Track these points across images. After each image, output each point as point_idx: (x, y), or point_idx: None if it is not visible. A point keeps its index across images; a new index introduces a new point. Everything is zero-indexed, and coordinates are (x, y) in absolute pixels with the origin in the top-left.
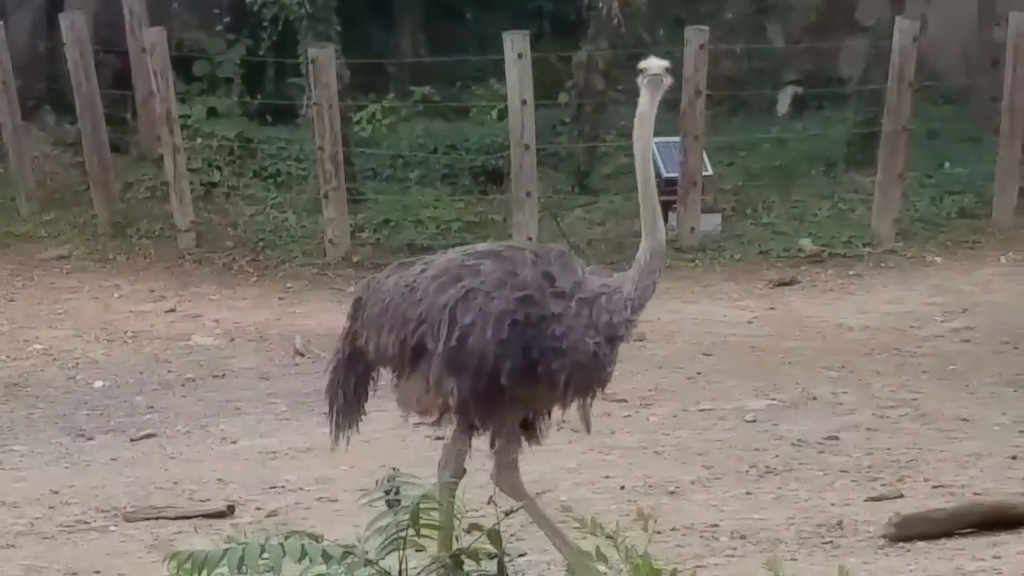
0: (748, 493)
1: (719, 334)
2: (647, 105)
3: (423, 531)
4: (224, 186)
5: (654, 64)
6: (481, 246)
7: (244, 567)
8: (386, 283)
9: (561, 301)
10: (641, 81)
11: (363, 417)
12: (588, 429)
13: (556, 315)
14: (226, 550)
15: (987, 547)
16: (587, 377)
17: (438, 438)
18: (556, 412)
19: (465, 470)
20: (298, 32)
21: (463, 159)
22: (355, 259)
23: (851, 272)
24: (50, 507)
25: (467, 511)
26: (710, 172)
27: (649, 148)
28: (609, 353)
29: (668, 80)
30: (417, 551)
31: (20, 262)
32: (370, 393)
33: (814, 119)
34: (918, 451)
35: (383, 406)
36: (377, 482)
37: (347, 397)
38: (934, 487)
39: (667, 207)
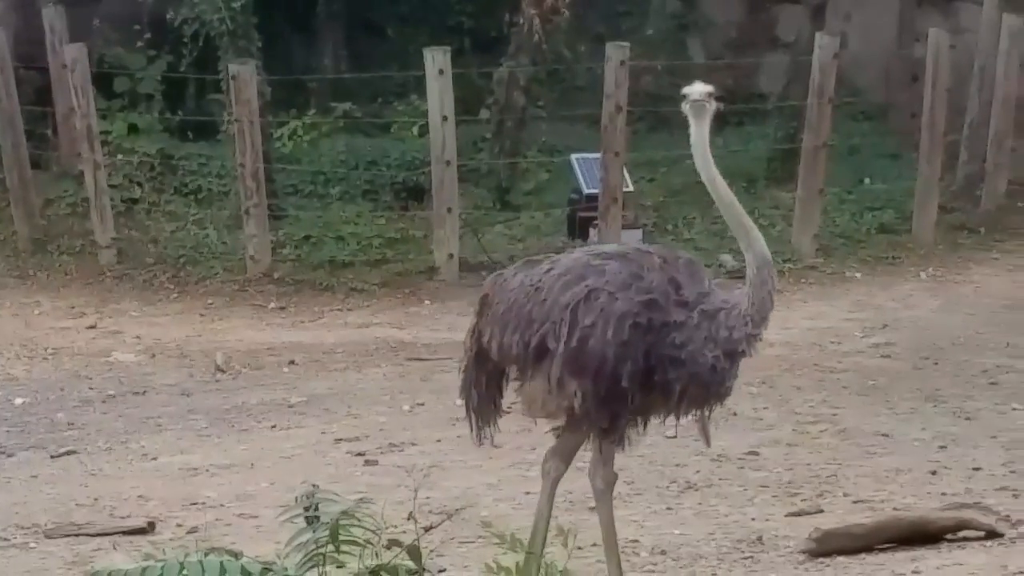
0: (669, 508)
1: None
2: (696, 133)
3: (342, 547)
4: (145, 202)
5: (696, 90)
6: (609, 247)
7: None
8: (512, 281)
9: (684, 310)
10: (685, 108)
11: (501, 414)
12: (708, 442)
13: (678, 323)
14: (145, 568)
15: (907, 562)
16: (704, 390)
17: (359, 454)
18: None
19: (616, 474)
20: (219, 48)
21: (384, 175)
22: (276, 275)
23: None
24: None
25: (387, 527)
26: (631, 188)
27: (714, 172)
28: (729, 368)
29: (713, 105)
30: (337, 567)
31: None
32: (504, 389)
33: (735, 135)
34: (838, 466)
35: (302, 422)
36: (297, 498)
37: (481, 396)
38: (854, 502)
39: (588, 223)
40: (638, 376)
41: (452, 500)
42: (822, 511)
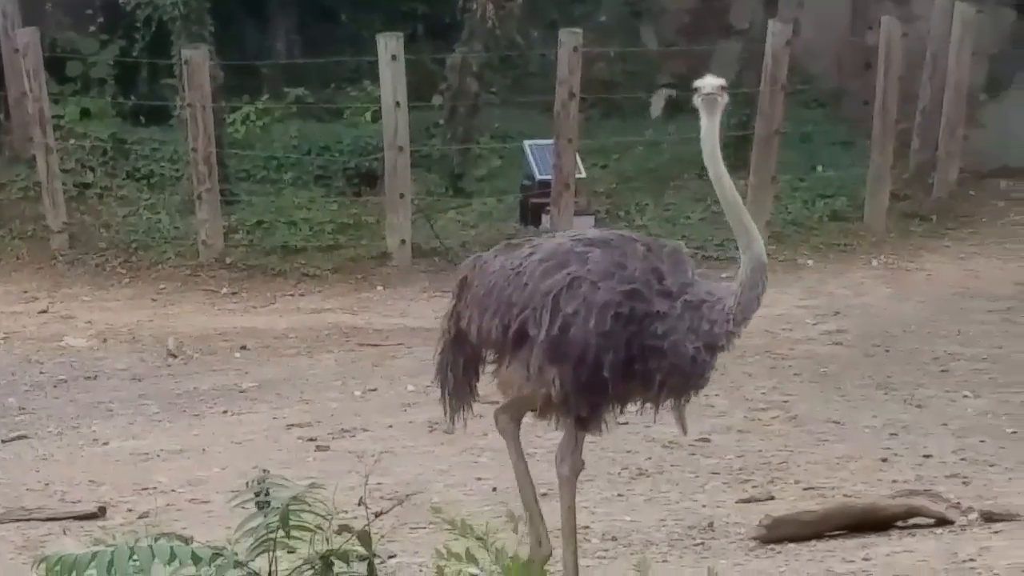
0: (620, 495)
1: None
2: (707, 127)
3: (293, 532)
4: (97, 187)
5: (709, 83)
6: (592, 232)
7: (113, 570)
8: (493, 263)
9: (667, 300)
10: (696, 101)
11: (476, 398)
12: (684, 431)
13: (660, 314)
14: (95, 553)
15: (857, 549)
16: (683, 381)
17: (310, 439)
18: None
19: (583, 463)
20: (172, 33)
21: (337, 161)
22: (228, 260)
23: (724, 275)
24: None
25: (337, 513)
26: (583, 175)
27: (721, 168)
28: (709, 360)
29: (724, 99)
30: (288, 552)
31: None
32: (481, 373)
33: (687, 122)
34: (789, 453)
35: (254, 408)
36: (247, 484)
37: (457, 379)
38: (805, 489)
39: (540, 209)
40: (619, 366)
41: (403, 486)
42: (773, 498)
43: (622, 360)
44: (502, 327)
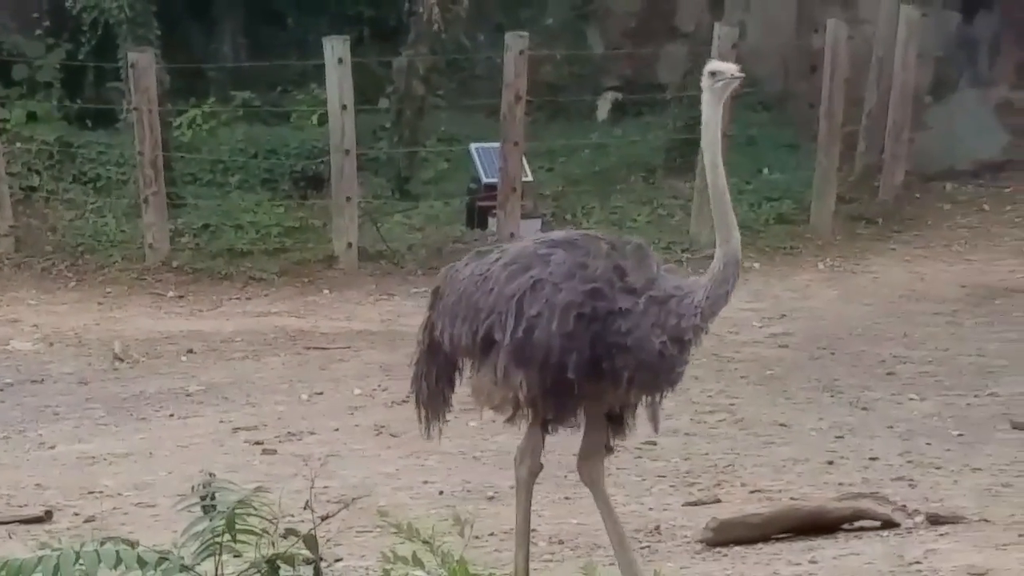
0: (567, 498)
1: None
2: (712, 112)
3: (239, 536)
4: (43, 190)
5: (728, 68)
6: (558, 234)
7: (59, 574)
8: (463, 271)
9: (630, 297)
10: (712, 85)
11: (450, 409)
12: (656, 428)
13: (623, 311)
14: (41, 557)
15: (803, 552)
16: (652, 377)
17: (257, 443)
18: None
19: (542, 465)
20: (118, 36)
21: (283, 164)
22: (175, 264)
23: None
24: None
25: (284, 516)
26: (530, 178)
27: (718, 156)
28: (677, 354)
29: (736, 81)
30: (234, 556)
31: None
32: (456, 383)
33: (633, 125)
34: (735, 456)
35: (200, 411)
36: (193, 487)
37: (431, 389)
38: (751, 492)
39: (487, 212)
40: (584, 366)
41: (350, 489)
42: (719, 501)
43: (587, 360)
44: (471, 333)
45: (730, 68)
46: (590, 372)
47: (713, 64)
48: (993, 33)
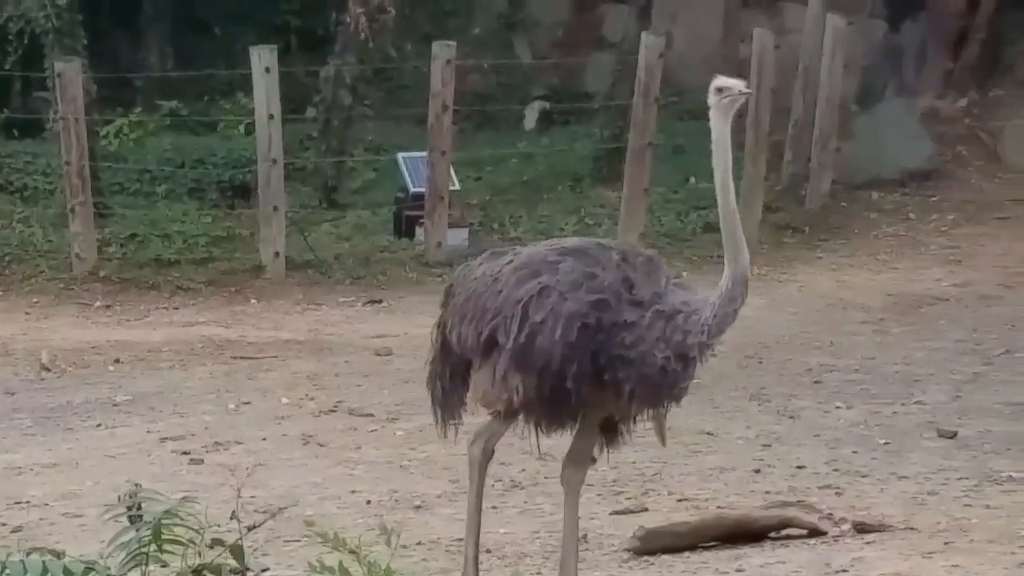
0: (494, 507)
1: None
2: (721, 129)
3: (165, 546)
4: None
5: (731, 84)
6: (571, 241)
7: None
8: (475, 271)
9: (636, 310)
10: (719, 102)
11: (466, 408)
12: (663, 442)
13: (628, 323)
14: None
15: (730, 560)
16: (654, 391)
17: (184, 453)
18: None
19: (494, 452)
20: (44, 46)
21: (210, 173)
22: (102, 273)
23: None
24: None
25: (210, 526)
26: (457, 187)
27: (728, 175)
28: (681, 370)
29: (743, 97)
30: (161, 566)
31: None
32: (470, 382)
33: (561, 134)
34: (663, 465)
35: (128, 421)
36: (120, 497)
37: (445, 389)
38: (678, 500)
39: (414, 222)
40: (584, 377)
41: (277, 499)
42: (647, 509)
43: (588, 370)
44: (476, 333)
45: (737, 84)
46: (592, 382)
47: (719, 80)
48: (919, 42)
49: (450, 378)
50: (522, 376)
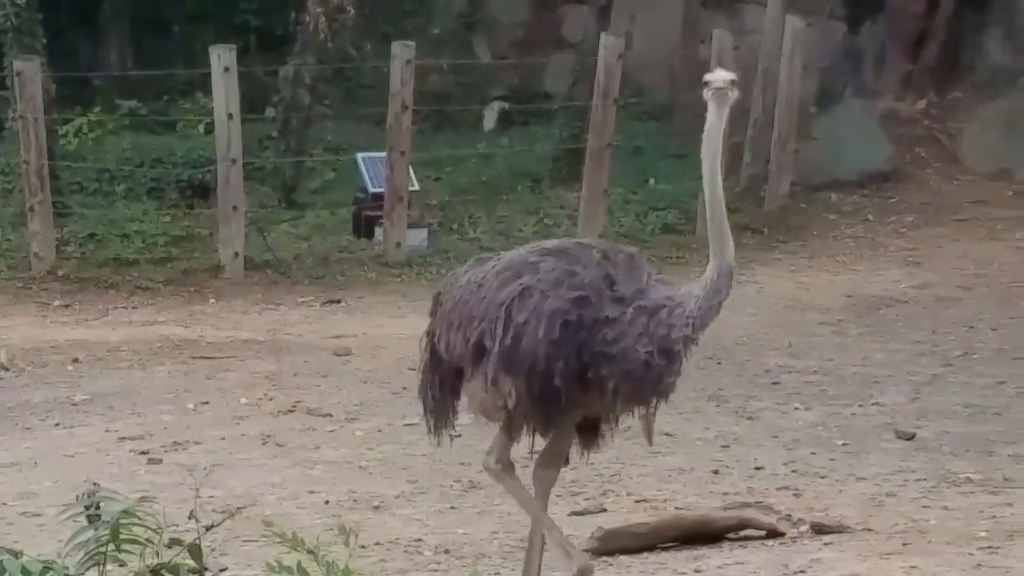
0: (452, 507)
1: None
2: (714, 120)
3: (123, 546)
4: None
5: (719, 76)
6: (551, 242)
7: None
8: (461, 279)
9: (618, 306)
10: (706, 95)
11: (458, 416)
12: (649, 440)
13: (610, 319)
14: None
15: (689, 561)
16: (638, 387)
17: (143, 452)
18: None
19: (511, 462)
20: (3, 45)
21: (170, 173)
22: (61, 273)
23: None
24: None
25: (168, 526)
26: (416, 187)
27: (717, 166)
28: (665, 365)
29: (735, 93)
30: (119, 566)
31: None
32: (461, 389)
33: (520, 135)
34: (621, 465)
35: (86, 421)
36: (78, 497)
37: (436, 397)
38: (637, 501)
39: (373, 222)
40: (571, 374)
41: (235, 499)
42: (605, 510)
43: (574, 368)
44: (464, 341)
45: (723, 76)
46: (577, 381)
47: (709, 74)
48: (878, 43)
49: (440, 387)
50: (512, 379)
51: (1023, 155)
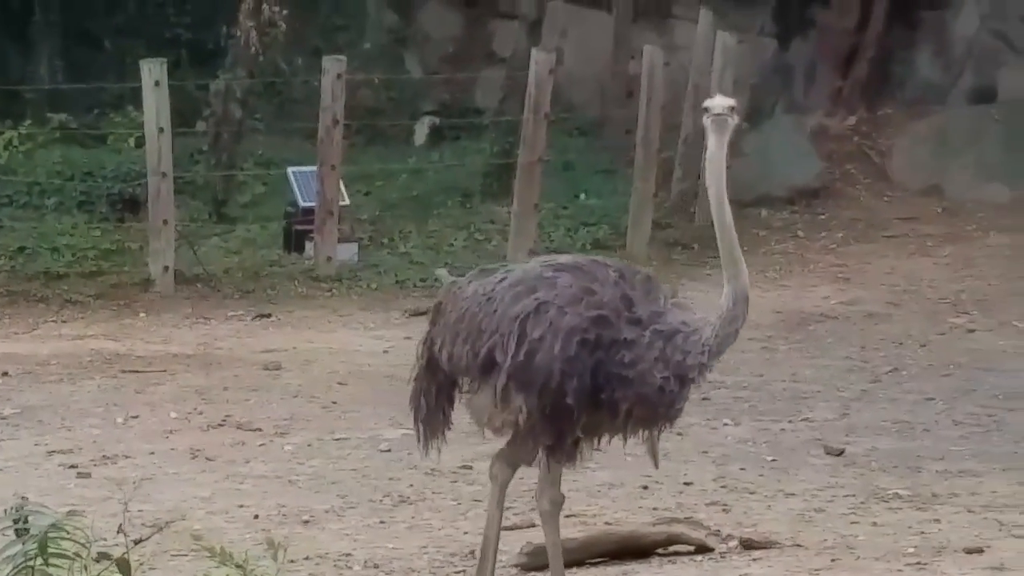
0: (382, 522)
1: (355, 363)
2: (715, 147)
3: (51, 560)
4: None
5: (718, 103)
6: (564, 257)
7: None
8: (466, 290)
9: (636, 328)
10: (706, 122)
11: (450, 427)
12: (656, 463)
13: (627, 341)
14: None
15: None
16: (651, 411)
17: (72, 466)
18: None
19: (563, 496)
20: None
21: (100, 186)
22: None
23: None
24: None
25: (97, 540)
26: (347, 202)
27: (723, 192)
28: (678, 391)
29: (735, 119)
30: None
31: None
32: (456, 401)
33: (451, 150)
34: None
35: (15, 434)
36: (6, 511)
37: (429, 407)
38: (566, 516)
39: (304, 236)
40: (584, 393)
41: (164, 513)
42: (534, 525)
43: (587, 387)
44: (472, 353)
45: (723, 103)
46: (589, 401)
47: (709, 100)
48: (808, 60)
49: (436, 396)
50: (524, 395)
51: (953, 172)
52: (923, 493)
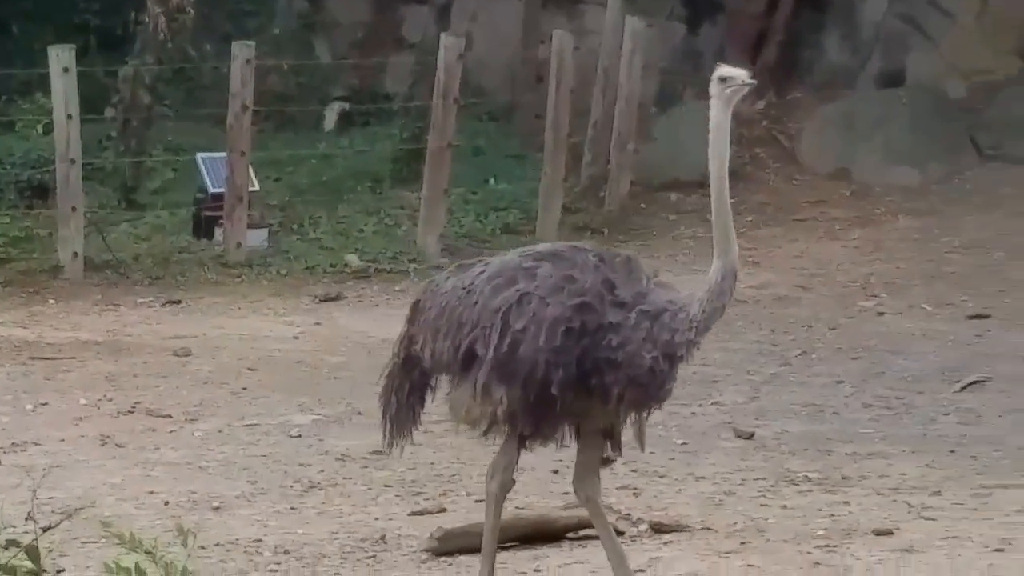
0: (292, 508)
1: (265, 349)
2: (723, 119)
3: None
4: None
5: (739, 73)
6: (543, 246)
7: None
8: (444, 286)
9: (620, 311)
10: (722, 91)
11: (418, 426)
12: (642, 447)
13: (613, 325)
14: None
15: (529, 560)
16: (642, 393)
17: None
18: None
19: (514, 481)
20: None
21: (8, 173)
22: None
23: (396, 288)
24: None
25: (5, 527)
26: (256, 187)
27: (724, 165)
28: (668, 370)
29: (745, 91)
30: None
31: None
32: (427, 401)
33: (360, 135)
34: (461, 465)
35: None
36: None
37: (400, 404)
38: (477, 501)
39: (213, 222)
40: (570, 383)
41: (74, 500)
42: (445, 510)
43: (574, 376)
44: (453, 348)
45: (741, 74)
46: (577, 389)
47: (723, 70)
48: (718, 45)
49: (408, 394)
50: (506, 388)
51: (861, 155)
52: (833, 476)
